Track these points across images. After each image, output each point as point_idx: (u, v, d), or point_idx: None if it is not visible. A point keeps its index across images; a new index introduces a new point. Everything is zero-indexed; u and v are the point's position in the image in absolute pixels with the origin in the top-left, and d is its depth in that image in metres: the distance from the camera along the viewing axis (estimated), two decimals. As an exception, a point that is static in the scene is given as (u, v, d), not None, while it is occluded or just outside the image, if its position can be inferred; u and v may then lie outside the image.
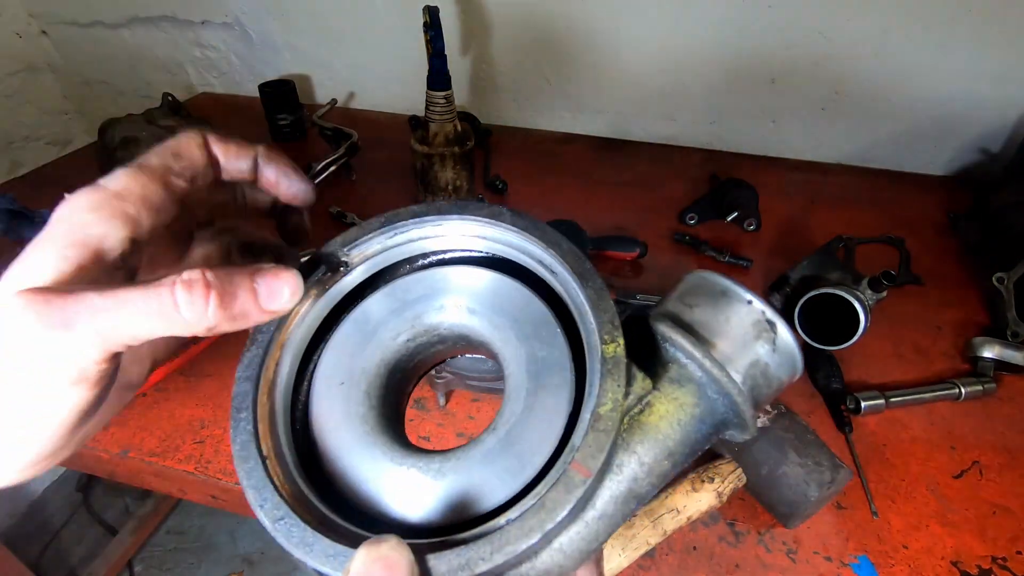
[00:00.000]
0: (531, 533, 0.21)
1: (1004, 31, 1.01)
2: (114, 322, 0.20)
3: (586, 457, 0.22)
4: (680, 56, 1.18)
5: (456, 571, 0.21)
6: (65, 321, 0.19)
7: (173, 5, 1.44)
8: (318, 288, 0.30)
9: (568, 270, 0.27)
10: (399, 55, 1.34)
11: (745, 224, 0.99)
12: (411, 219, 0.30)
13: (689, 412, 0.27)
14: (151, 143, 0.26)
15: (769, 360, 0.28)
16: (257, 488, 0.23)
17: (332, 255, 0.30)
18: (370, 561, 0.19)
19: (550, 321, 0.28)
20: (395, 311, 0.30)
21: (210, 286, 0.21)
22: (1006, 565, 0.54)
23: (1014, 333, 0.75)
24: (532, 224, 0.28)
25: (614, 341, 0.25)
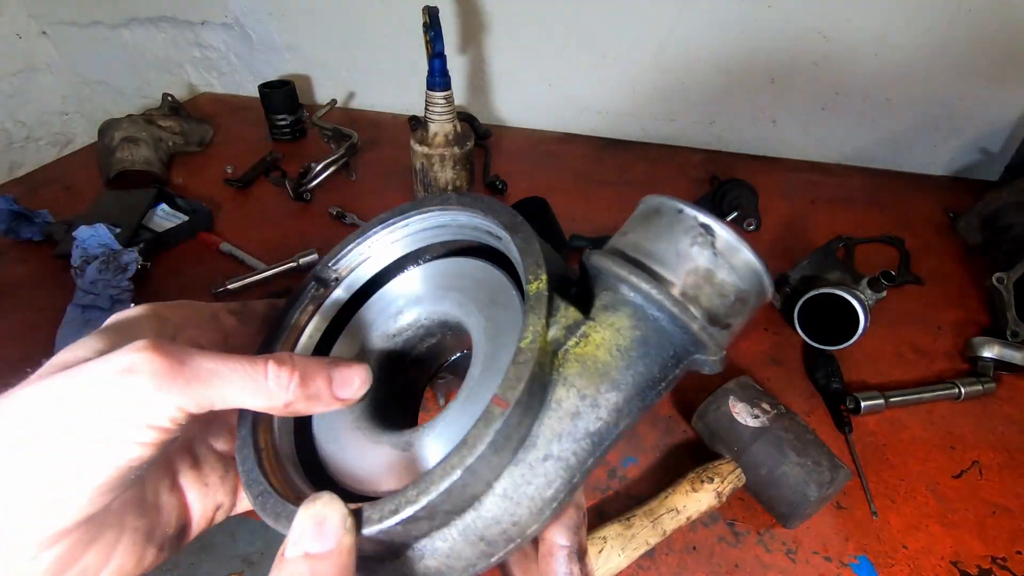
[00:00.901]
0: (453, 470, 0.21)
1: (1004, 30, 1.01)
2: (215, 374, 0.21)
3: (505, 390, 0.22)
4: (680, 56, 1.18)
5: (387, 516, 0.21)
6: (177, 361, 0.20)
7: (173, 5, 1.44)
8: (314, 303, 0.33)
9: (502, 227, 0.27)
10: (399, 55, 1.34)
11: (745, 224, 0.99)
12: (377, 225, 0.33)
13: (628, 336, 0.25)
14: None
15: (712, 264, 0.26)
16: (247, 472, 0.25)
17: (320, 273, 0.33)
18: (305, 519, 0.20)
19: (506, 284, 0.29)
20: (380, 311, 0.33)
21: (295, 367, 0.23)
22: (1006, 565, 0.54)
23: (1014, 333, 0.75)
24: (475, 200, 0.29)
25: (537, 279, 0.24)
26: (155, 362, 0.20)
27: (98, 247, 0.84)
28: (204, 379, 0.21)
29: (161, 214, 1.00)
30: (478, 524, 0.22)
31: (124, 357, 0.20)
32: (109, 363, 0.20)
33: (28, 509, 0.19)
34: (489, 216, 0.28)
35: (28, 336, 0.77)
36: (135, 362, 0.20)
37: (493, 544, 0.22)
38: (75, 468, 0.20)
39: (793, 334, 0.75)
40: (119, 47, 1.55)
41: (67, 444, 0.19)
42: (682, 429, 0.66)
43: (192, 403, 0.21)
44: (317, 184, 1.09)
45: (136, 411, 0.20)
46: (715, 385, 0.61)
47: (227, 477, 0.29)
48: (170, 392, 0.20)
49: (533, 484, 0.22)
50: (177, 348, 0.21)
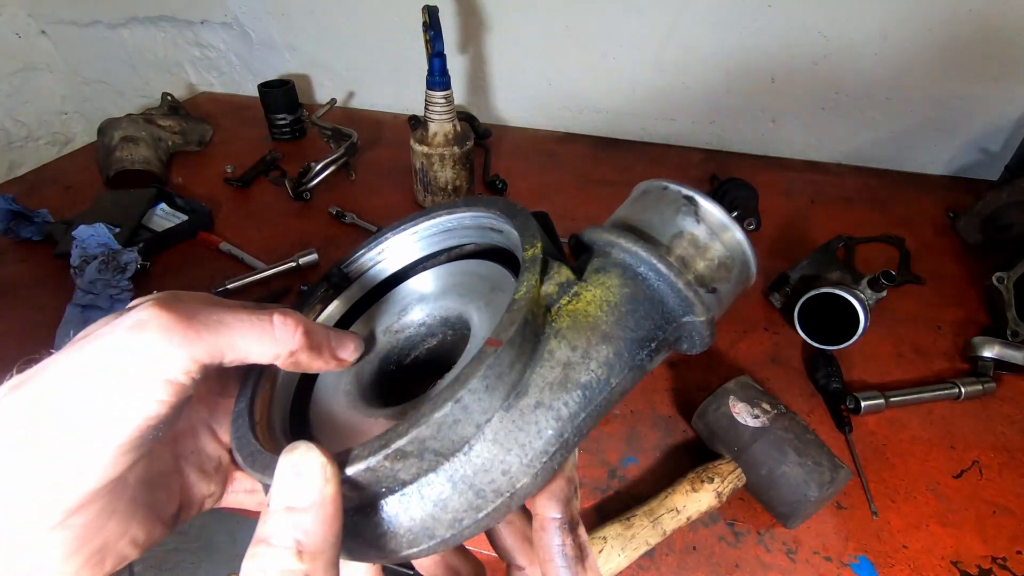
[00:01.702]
0: (444, 403, 0.20)
1: (1004, 30, 1.01)
2: (223, 325, 0.21)
3: (499, 332, 0.22)
4: (680, 56, 1.18)
5: (377, 451, 0.20)
6: (187, 315, 0.21)
7: (172, 5, 1.44)
8: (323, 303, 0.34)
9: (503, 218, 0.28)
10: (399, 55, 1.34)
11: (745, 224, 0.99)
12: (388, 231, 0.34)
13: (617, 293, 0.26)
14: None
15: (695, 230, 0.28)
16: (240, 436, 0.25)
17: (331, 275, 0.34)
18: (284, 468, 0.20)
19: (506, 274, 0.30)
20: (386, 311, 0.34)
21: (299, 319, 0.24)
22: (1006, 565, 0.54)
23: (1014, 333, 0.75)
24: (478, 199, 0.31)
25: (532, 247, 0.25)
26: (163, 316, 0.20)
27: (98, 247, 0.84)
28: (213, 329, 0.21)
29: (160, 214, 1.00)
30: (467, 469, 0.21)
31: (132, 315, 0.20)
32: (119, 323, 0.20)
33: (50, 477, 0.19)
34: (492, 210, 0.30)
35: (28, 336, 0.77)
36: (143, 318, 0.20)
37: (482, 495, 0.21)
38: (95, 430, 0.20)
39: (793, 334, 0.75)
40: (119, 47, 1.55)
41: (85, 406, 0.19)
42: (682, 429, 0.66)
43: (204, 353, 0.21)
44: (317, 184, 1.08)
45: (150, 366, 0.20)
46: (715, 385, 0.61)
47: (222, 468, 0.29)
48: (181, 344, 0.20)
49: (524, 431, 0.22)
50: (184, 303, 0.21)
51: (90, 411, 0.19)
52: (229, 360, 0.22)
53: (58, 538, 0.20)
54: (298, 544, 0.18)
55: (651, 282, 0.27)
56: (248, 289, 0.85)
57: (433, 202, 1.03)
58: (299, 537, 0.19)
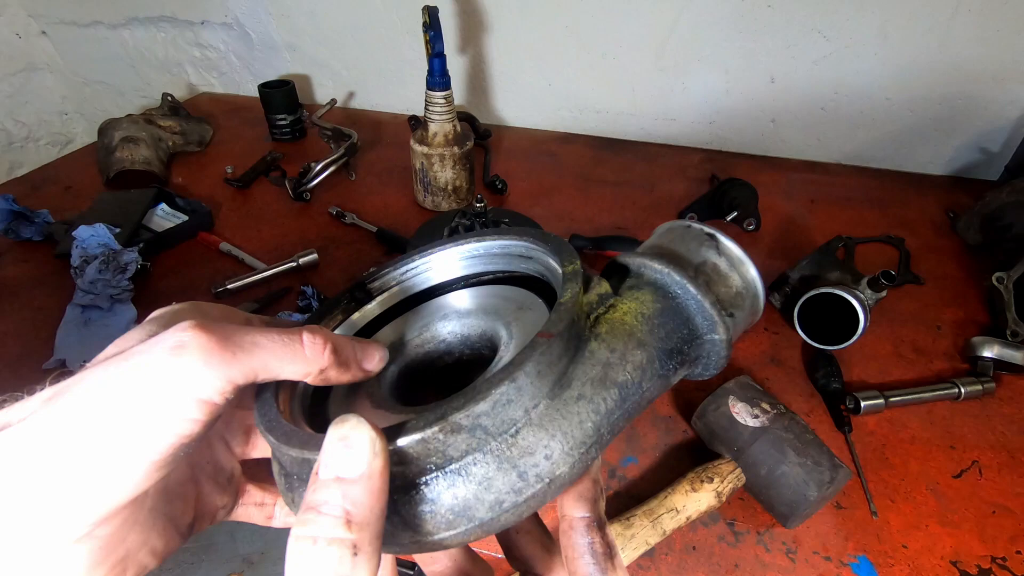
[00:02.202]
0: (500, 382, 0.22)
1: (1004, 30, 1.01)
2: (257, 346, 0.22)
3: (549, 326, 0.24)
4: (680, 56, 1.18)
5: (433, 422, 0.21)
6: (224, 338, 0.21)
7: (173, 5, 1.44)
8: (344, 314, 0.34)
9: (533, 242, 0.31)
10: (399, 55, 1.34)
11: (745, 224, 0.99)
12: (416, 254, 0.35)
13: (651, 307, 0.29)
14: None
15: (717, 261, 0.33)
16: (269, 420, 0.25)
17: (355, 288, 0.35)
18: (334, 440, 0.20)
19: (532, 296, 0.32)
20: (407, 327, 0.35)
21: (327, 336, 0.25)
22: (1006, 565, 0.54)
23: (1014, 333, 0.75)
24: (507, 230, 0.33)
25: (572, 263, 0.28)
26: (202, 338, 0.21)
27: (98, 247, 0.84)
28: (248, 351, 0.22)
29: (161, 214, 1.00)
30: (513, 451, 0.22)
31: (173, 336, 0.21)
32: (160, 343, 0.21)
33: (79, 489, 0.20)
34: (523, 238, 0.32)
35: (28, 336, 0.77)
36: (184, 340, 0.20)
37: (524, 478, 0.22)
38: (130, 445, 0.20)
39: (793, 334, 0.75)
40: (119, 47, 1.55)
41: (121, 422, 0.20)
42: (682, 429, 0.66)
43: (240, 375, 0.21)
44: (317, 184, 1.09)
45: (188, 387, 0.20)
46: (715, 385, 0.61)
47: (234, 480, 0.30)
48: (219, 367, 0.21)
49: (567, 420, 0.24)
50: (220, 326, 0.22)
51: (126, 427, 0.20)
52: (261, 379, 0.22)
53: (83, 550, 0.21)
54: (347, 514, 0.19)
55: (680, 300, 0.30)
56: (248, 289, 0.85)
57: (433, 203, 1.03)
58: (348, 507, 0.19)
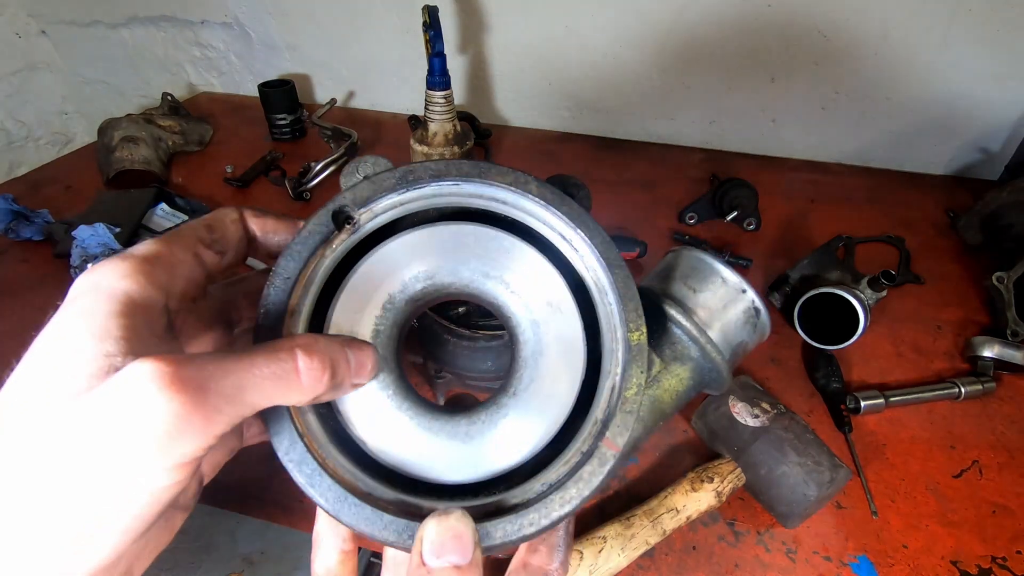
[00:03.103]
0: (572, 501, 0.25)
1: (1004, 30, 1.01)
2: (242, 390, 0.19)
3: (615, 435, 0.26)
4: (680, 55, 1.18)
5: (511, 536, 0.24)
6: (197, 392, 0.17)
7: (173, 5, 1.44)
8: (324, 248, 0.28)
9: (595, 252, 0.28)
10: (399, 55, 1.34)
11: (745, 224, 0.99)
12: (429, 179, 0.28)
13: (686, 384, 0.33)
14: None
15: (749, 340, 0.36)
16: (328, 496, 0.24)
17: (342, 213, 0.28)
18: (442, 532, 0.22)
19: (566, 295, 0.29)
20: (405, 266, 0.29)
21: (324, 355, 0.21)
22: (1006, 565, 0.54)
23: (1014, 332, 0.75)
24: (559, 198, 0.28)
25: (638, 330, 0.27)
26: (175, 402, 0.17)
27: (98, 247, 0.84)
28: (232, 398, 0.19)
29: (161, 214, 1.00)
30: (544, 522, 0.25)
31: (136, 399, 0.17)
32: (120, 407, 0.17)
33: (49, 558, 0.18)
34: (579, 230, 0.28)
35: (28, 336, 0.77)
36: (151, 407, 0.17)
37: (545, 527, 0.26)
38: (98, 519, 0.18)
39: (793, 334, 0.75)
40: (119, 46, 1.55)
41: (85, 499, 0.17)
42: (682, 429, 0.66)
43: (222, 427, 0.19)
44: (317, 184, 1.08)
45: (163, 459, 0.18)
46: (715, 385, 0.61)
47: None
48: (197, 432, 0.18)
49: (589, 487, 0.26)
50: (193, 372, 0.18)
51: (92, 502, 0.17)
52: (249, 415, 0.20)
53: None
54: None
55: (707, 375, 0.35)
56: (248, 289, 0.85)
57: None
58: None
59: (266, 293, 0.27)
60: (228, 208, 0.27)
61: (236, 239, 0.27)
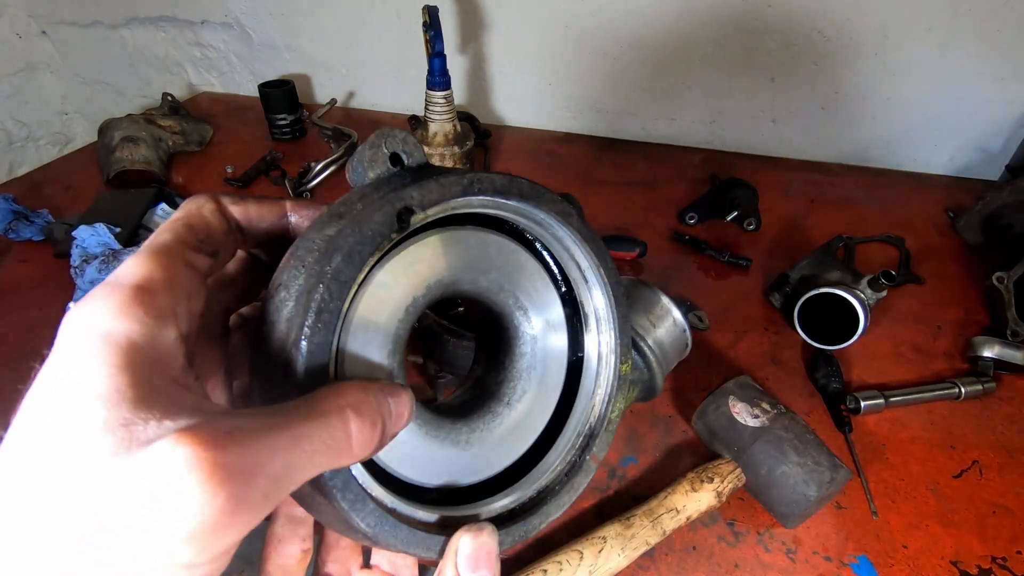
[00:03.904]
0: (563, 506, 0.30)
1: (1004, 30, 1.01)
2: (293, 469, 0.16)
3: (599, 451, 0.31)
4: (680, 55, 1.18)
5: (518, 539, 0.28)
6: (245, 482, 0.15)
7: (172, 5, 1.44)
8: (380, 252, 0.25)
9: (608, 292, 0.32)
10: (399, 55, 1.34)
11: (745, 224, 0.99)
12: (493, 194, 0.27)
13: (633, 396, 0.49)
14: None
15: (680, 356, 0.52)
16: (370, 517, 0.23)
17: (408, 211, 0.24)
18: (477, 548, 0.23)
19: (562, 319, 0.33)
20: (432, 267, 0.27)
21: (377, 413, 0.19)
22: (1006, 565, 0.54)
23: (1014, 332, 0.75)
24: (591, 236, 0.31)
25: (626, 362, 0.32)
26: (218, 497, 0.14)
27: (98, 247, 0.84)
28: (280, 480, 0.16)
29: (161, 214, 1.00)
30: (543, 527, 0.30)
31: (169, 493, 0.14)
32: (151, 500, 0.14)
33: None
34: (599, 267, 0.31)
35: (28, 336, 0.77)
36: (189, 502, 0.14)
37: None
38: None
39: (793, 334, 0.75)
40: (119, 47, 1.55)
41: None
42: (682, 429, 0.66)
43: (267, 512, 0.16)
44: (317, 184, 1.09)
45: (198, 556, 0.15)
46: (715, 385, 0.61)
47: None
48: (241, 524, 0.15)
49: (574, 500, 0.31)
50: (237, 455, 0.15)
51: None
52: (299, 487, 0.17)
53: None
54: None
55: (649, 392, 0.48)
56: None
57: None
58: None
59: (319, 298, 0.21)
60: (200, 198, 0.23)
61: (222, 233, 0.23)
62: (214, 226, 0.23)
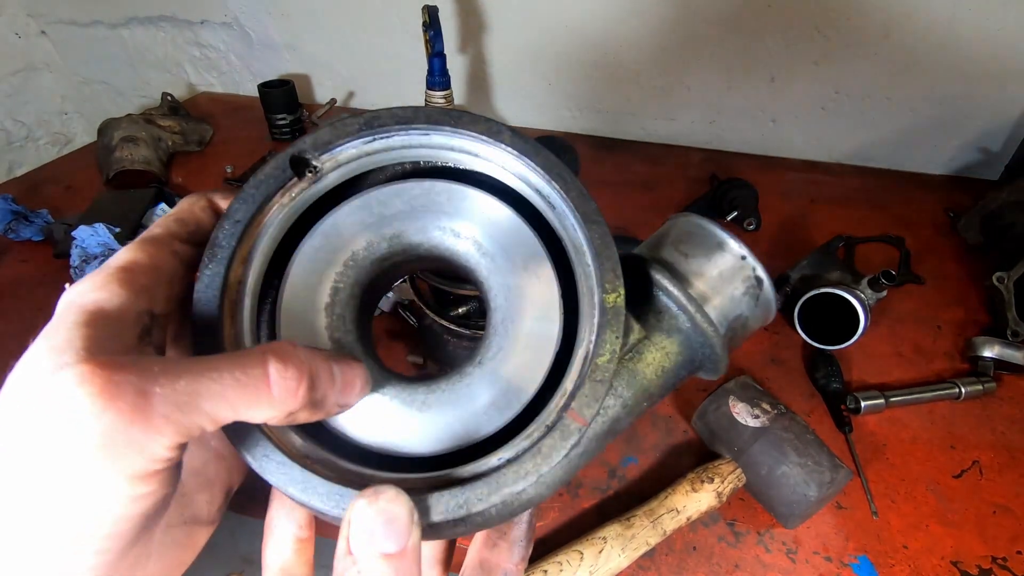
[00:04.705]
0: (527, 476, 0.22)
1: (1005, 30, 1.01)
2: (197, 396, 0.17)
3: (582, 407, 0.22)
4: (680, 55, 1.18)
5: (454, 511, 0.21)
6: (138, 397, 0.16)
7: (172, 5, 1.44)
8: (283, 196, 0.26)
9: (571, 208, 0.26)
10: (399, 55, 1.34)
11: (745, 224, 0.99)
12: (395, 125, 0.27)
13: (673, 360, 0.28)
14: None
15: (750, 314, 0.30)
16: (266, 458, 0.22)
17: (301, 158, 0.26)
18: (372, 515, 0.19)
19: (542, 256, 0.27)
20: (370, 226, 0.27)
21: (303, 365, 0.19)
22: (1006, 565, 0.54)
23: (1014, 332, 0.75)
24: (533, 149, 0.26)
25: (615, 291, 0.24)
26: (108, 410, 0.15)
27: (98, 247, 0.84)
28: (183, 405, 0.16)
29: (161, 214, 1.00)
30: (515, 504, 0.23)
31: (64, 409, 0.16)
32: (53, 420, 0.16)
33: None
34: (554, 183, 0.26)
35: (28, 336, 0.77)
36: (81, 416, 0.15)
37: (514, 513, 0.24)
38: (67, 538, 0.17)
39: (793, 334, 0.75)
40: (119, 47, 1.55)
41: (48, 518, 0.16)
42: (682, 429, 0.66)
43: (174, 438, 0.17)
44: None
45: (105, 471, 0.16)
46: (715, 385, 0.61)
47: None
48: (141, 441, 0.16)
49: (567, 472, 0.24)
50: (133, 374, 0.16)
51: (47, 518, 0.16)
52: (212, 430, 0.18)
53: None
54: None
55: (701, 350, 0.29)
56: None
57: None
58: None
59: (215, 236, 0.24)
60: (194, 196, 0.25)
61: (211, 227, 0.25)
62: (203, 221, 0.25)
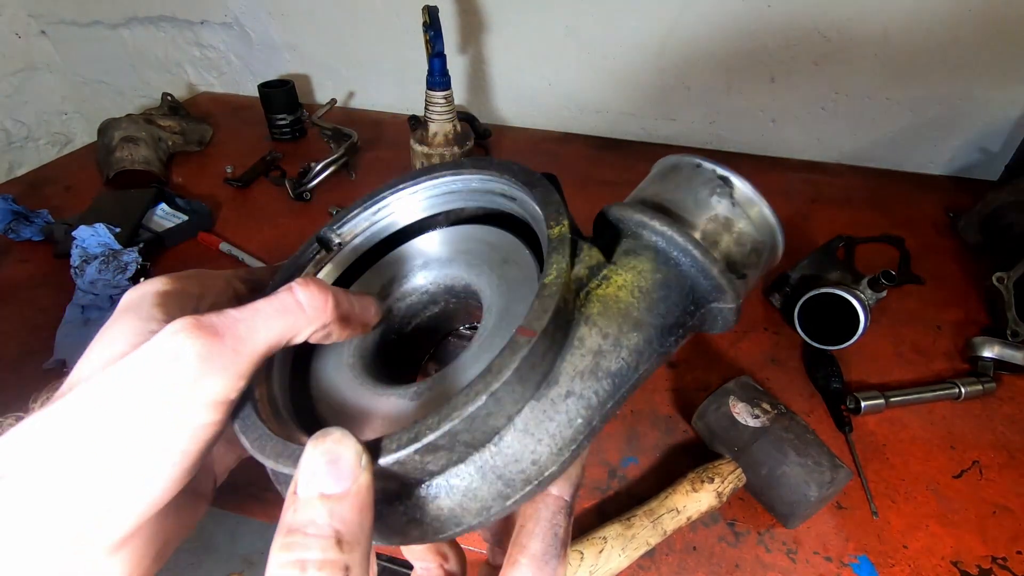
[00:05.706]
0: (477, 396, 0.20)
1: (1005, 30, 1.01)
2: (255, 330, 0.21)
3: (531, 320, 0.21)
4: (680, 56, 1.18)
5: (405, 444, 0.20)
6: (217, 333, 0.21)
7: (172, 5, 1.44)
8: (316, 267, 0.32)
9: (518, 185, 0.28)
10: (399, 55, 1.34)
11: (745, 224, 0.99)
12: (386, 190, 0.32)
13: (650, 278, 0.26)
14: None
15: (730, 213, 0.28)
16: (243, 417, 0.23)
17: (324, 234, 0.32)
18: (316, 456, 0.19)
19: (517, 244, 0.29)
20: (383, 277, 0.32)
21: (324, 286, 0.23)
22: (1006, 565, 0.54)
23: (1014, 333, 0.75)
24: (489, 163, 0.30)
25: (559, 224, 0.24)
26: (198, 343, 0.20)
27: (98, 247, 0.84)
28: (247, 338, 0.21)
29: (161, 214, 1.00)
30: (497, 460, 0.21)
31: (168, 344, 0.20)
32: (154, 354, 0.20)
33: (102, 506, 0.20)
34: (504, 176, 0.29)
35: (28, 336, 0.77)
36: (179, 349, 0.20)
37: (511, 484, 0.21)
38: (155, 457, 0.20)
39: (793, 334, 0.75)
40: (119, 47, 1.55)
41: (134, 438, 0.20)
42: (682, 429, 0.66)
43: (247, 366, 0.21)
44: (317, 184, 1.08)
45: (197, 395, 0.20)
46: (715, 385, 0.61)
47: None
48: (224, 370, 0.20)
49: (555, 421, 0.22)
50: (211, 319, 0.21)
51: (141, 444, 0.20)
52: (271, 354, 0.22)
53: (119, 558, 0.21)
54: (336, 533, 0.18)
55: (684, 268, 0.26)
56: (248, 289, 0.85)
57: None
58: (337, 526, 0.18)
59: None
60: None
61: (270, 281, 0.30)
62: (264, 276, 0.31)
